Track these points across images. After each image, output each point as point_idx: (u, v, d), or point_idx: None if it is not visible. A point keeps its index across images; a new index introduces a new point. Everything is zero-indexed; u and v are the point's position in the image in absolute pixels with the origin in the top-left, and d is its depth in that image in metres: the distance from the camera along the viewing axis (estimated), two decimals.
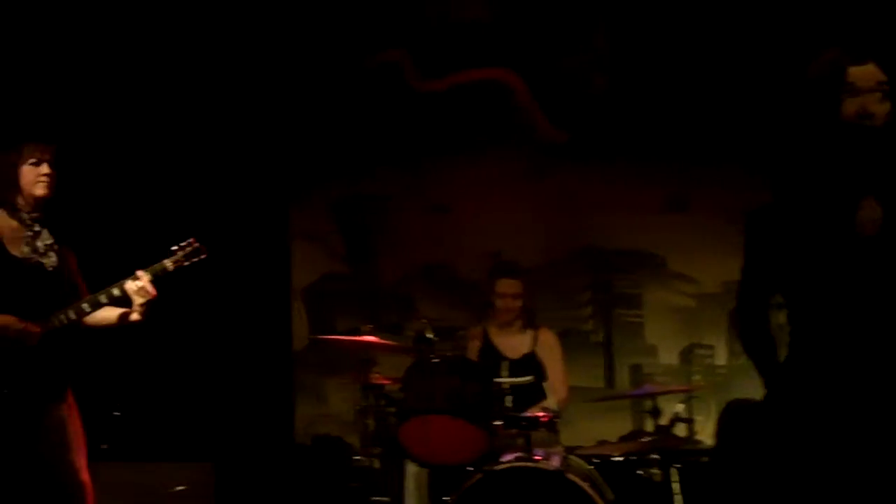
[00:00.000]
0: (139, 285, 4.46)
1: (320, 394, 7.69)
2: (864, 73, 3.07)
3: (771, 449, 3.14)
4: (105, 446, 6.12)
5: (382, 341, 5.79)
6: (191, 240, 4.61)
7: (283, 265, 7.83)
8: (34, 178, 4.48)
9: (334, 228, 7.93)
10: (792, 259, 3.15)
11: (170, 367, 7.21)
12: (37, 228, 4.51)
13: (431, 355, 5.24)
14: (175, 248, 4.60)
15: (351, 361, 6.25)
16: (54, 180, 4.52)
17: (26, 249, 4.46)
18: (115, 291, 4.45)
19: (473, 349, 6.05)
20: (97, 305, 4.47)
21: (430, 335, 5.35)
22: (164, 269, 4.54)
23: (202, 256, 4.60)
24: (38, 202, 4.51)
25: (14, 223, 4.51)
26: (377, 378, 5.70)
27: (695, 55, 7.34)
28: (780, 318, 3.31)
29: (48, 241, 4.51)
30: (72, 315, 4.41)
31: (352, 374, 6.01)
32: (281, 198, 7.89)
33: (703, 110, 7.28)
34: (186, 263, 4.59)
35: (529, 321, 6.04)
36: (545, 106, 7.63)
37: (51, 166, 4.50)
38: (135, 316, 4.57)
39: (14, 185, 4.48)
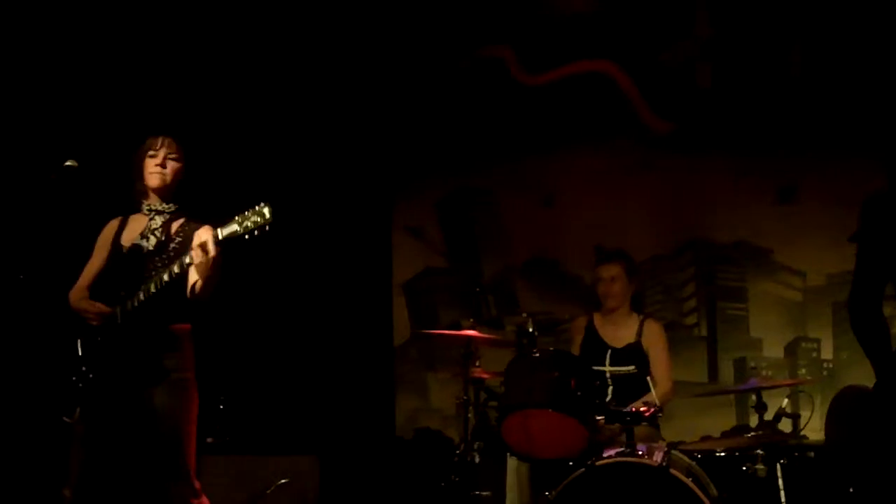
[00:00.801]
0: (198, 242, 4.22)
1: (422, 388, 7.75)
2: None
3: (882, 438, 3.09)
4: (211, 440, 6.24)
5: (483, 335, 5.79)
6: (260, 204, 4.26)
7: (385, 259, 7.90)
8: (150, 169, 4.62)
9: (437, 223, 7.97)
10: None
11: (274, 362, 7.32)
12: (151, 217, 4.61)
13: (533, 349, 5.21)
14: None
15: (452, 356, 6.27)
16: (172, 171, 4.64)
17: (135, 236, 4.57)
18: (186, 259, 4.28)
19: (577, 341, 6.03)
20: (164, 281, 4.33)
21: (531, 329, 5.33)
22: (218, 237, 4.21)
23: (266, 225, 4.18)
24: (157, 192, 4.63)
25: (142, 217, 4.65)
26: (478, 372, 5.72)
27: (799, 42, 7.22)
28: (891, 309, 3.26)
29: (155, 227, 4.57)
30: (141, 296, 4.38)
31: (453, 369, 6.03)
32: (386, 192, 7.96)
33: (810, 99, 7.16)
34: (248, 233, 4.19)
35: (636, 307, 5.99)
36: (649, 97, 7.59)
37: (169, 158, 4.62)
38: (197, 282, 4.36)
39: (140, 176, 4.64)
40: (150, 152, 4.63)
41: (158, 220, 4.60)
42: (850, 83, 7.04)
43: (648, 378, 5.55)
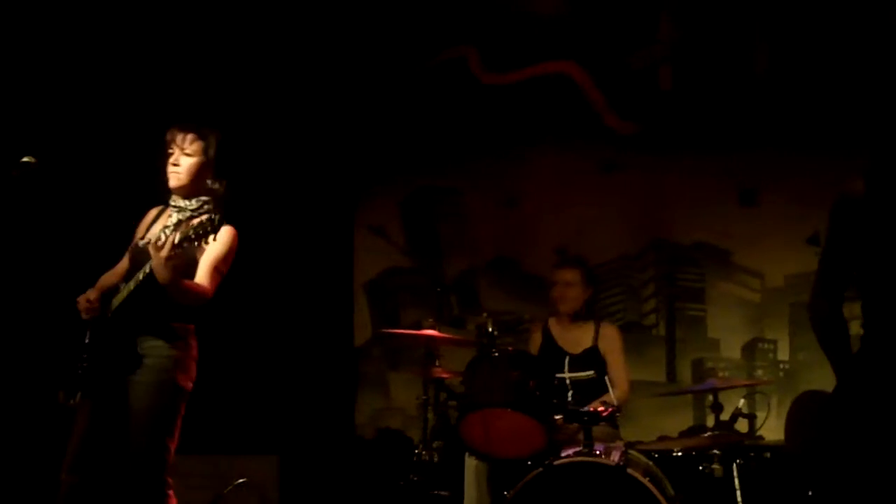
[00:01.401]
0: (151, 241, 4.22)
1: (384, 387, 7.75)
2: None
3: (841, 441, 3.12)
4: None
5: (444, 335, 5.81)
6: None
7: (346, 258, 7.89)
8: (168, 167, 4.53)
9: (399, 222, 7.97)
10: (872, 247, 3.12)
11: (235, 361, 7.29)
12: (171, 213, 4.53)
13: (492, 349, 5.23)
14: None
15: (414, 355, 6.28)
16: (187, 170, 4.51)
17: (155, 234, 4.46)
18: (147, 268, 4.26)
19: (535, 345, 6.05)
20: (138, 283, 4.29)
21: (491, 329, 5.35)
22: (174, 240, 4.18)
23: (214, 222, 4.12)
24: (175, 191, 4.54)
25: (167, 210, 4.59)
26: (439, 372, 5.73)
27: (762, 44, 7.27)
28: (853, 310, 3.29)
29: (168, 225, 4.46)
30: (131, 286, 4.33)
31: (415, 368, 6.04)
32: (349, 191, 7.95)
33: (772, 102, 7.21)
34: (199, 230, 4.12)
35: (587, 314, 6.02)
36: (613, 99, 7.62)
37: (184, 154, 4.51)
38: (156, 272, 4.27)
39: (164, 173, 4.55)
40: (168, 150, 4.54)
41: (175, 218, 4.50)
42: (812, 85, 7.09)
43: (606, 379, 5.59)
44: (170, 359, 4.42)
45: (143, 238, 4.54)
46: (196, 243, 4.15)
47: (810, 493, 4.95)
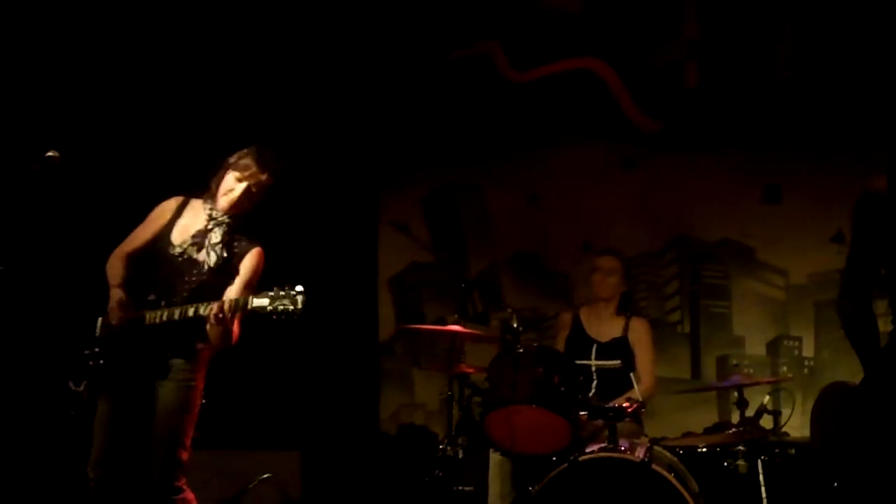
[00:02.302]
0: (212, 310, 4.29)
1: (407, 383, 7.76)
2: None
3: (869, 434, 3.11)
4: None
5: (468, 330, 5.81)
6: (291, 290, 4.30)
7: (370, 254, 7.90)
8: (226, 189, 4.54)
9: (422, 218, 7.98)
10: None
11: (258, 357, 7.31)
12: (210, 227, 4.54)
13: (517, 345, 5.23)
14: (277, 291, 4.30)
15: (437, 351, 6.28)
16: (248, 199, 4.56)
17: (188, 241, 4.50)
18: (201, 310, 4.31)
19: (562, 336, 6.06)
20: (184, 316, 4.35)
21: (515, 325, 5.36)
22: (247, 305, 4.29)
23: (295, 314, 4.28)
24: (224, 209, 4.56)
25: (201, 214, 4.58)
26: (463, 368, 5.73)
27: (787, 41, 7.25)
28: (880, 307, 3.29)
29: (215, 241, 4.52)
30: (163, 316, 4.38)
31: (438, 364, 6.04)
32: (372, 188, 7.96)
33: (796, 99, 7.19)
34: (276, 314, 4.27)
35: (624, 306, 6.03)
36: (637, 96, 7.61)
37: (253, 187, 4.55)
38: (212, 338, 4.47)
39: (218, 183, 4.57)
40: (237, 174, 4.55)
41: (219, 233, 4.54)
42: (836, 82, 7.07)
43: (632, 374, 5.58)
44: (195, 369, 4.53)
45: (187, 252, 4.51)
46: (273, 317, 4.25)
47: (835, 486, 4.94)
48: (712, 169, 7.39)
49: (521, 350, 5.17)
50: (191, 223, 4.58)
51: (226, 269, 4.51)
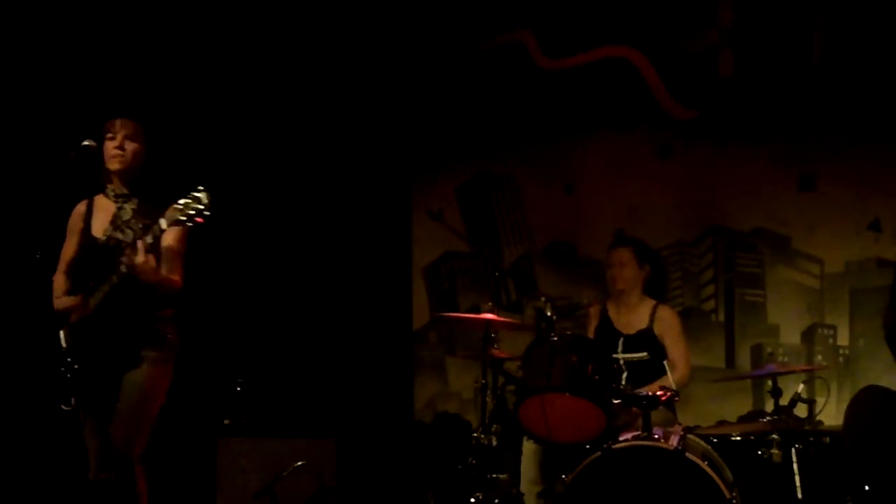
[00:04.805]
0: (131, 257, 4.32)
1: (441, 372, 7.79)
2: None
3: None
4: (228, 422, 6.31)
5: (502, 318, 5.82)
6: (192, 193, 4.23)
7: (405, 243, 7.94)
8: (109, 152, 4.59)
9: (457, 207, 8.00)
10: None
11: (294, 345, 7.38)
12: (120, 205, 4.60)
13: (551, 334, 5.24)
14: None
15: (471, 340, 6.30)
16: (131, 155, 4.58)
17: (108, 228, 4.56)
18: (122, 268, 4.35)
19: (591, 327, 6.06)
20: (118, 281, 4.38)
21: (549, 313, 5.36)
22: (158, 231, 4.30)
23: (205, 210, 4.20)
24: (118, 175, 4.60)
25: (108, 202, 4.65)
26: (497, 355, 5.74)
27: (821, 29, 7.20)
28: None
29: (128, 217, 4.56)
30: (105, 288, 4.41)
31: (472, 353, 6.06)
32: (406, 177, 8.00)
33: (831, 87, 7.14)
34: (190, 221, 4.22)
35: (651, 292, 6.02)
36: (671, 84, 7.58)
37: (127, 139, 4.57)
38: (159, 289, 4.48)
39: (103, 161, 4.62)
40: (109, 134, 4.59)
41: (129, 210, 4.59)
42: (871, 70, 7.02)
43: (666, 363, 5.57)
44: (162, 346, 4.55)
45: (108, 235, 4.56)
46: (189, 224, 4.22)
47: (867, 488, 4.94)
48: (747, 157, 7.35)
49: (556, 338, 5.16)
50: (104, 214, 4.63)
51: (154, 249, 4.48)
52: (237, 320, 7.19)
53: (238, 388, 6.51)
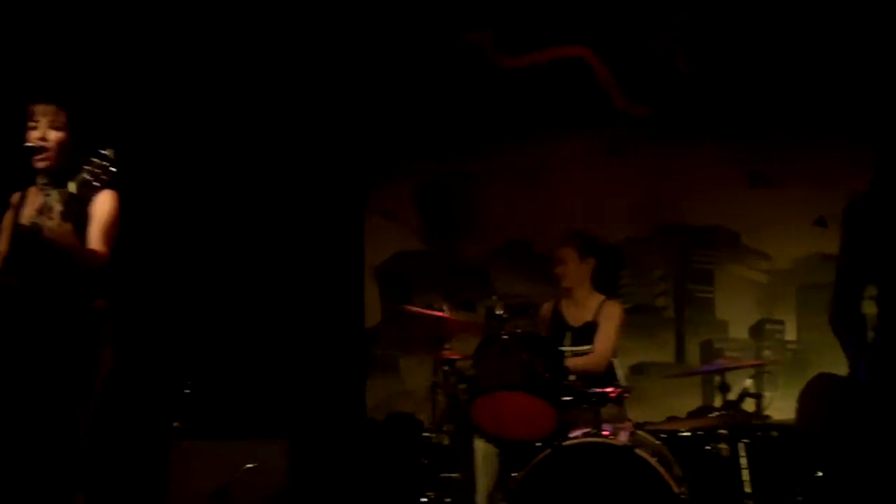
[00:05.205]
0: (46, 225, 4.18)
1: (394, 371, 7.78)
2: None
3: (854, 424, 3.15)
4: (177, 424, 6.26)
5: (455, 317, 5.83)
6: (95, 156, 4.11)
7: (357, 242, 7.91)
8: (32, 143, 4.42)
9: (413, 205, 8.00)
10: (881, 247, 3.14)
11: (245, 345, 7.33)
12: (47, 193, 4.37)
13: (502, 332, 5.26)
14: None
15: (424, 339, 6.30)
16: (55, 149, 4.41)
17: (34, 216, 4.33)
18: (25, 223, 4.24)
19: (544, 322, 6.09)
20: (26, 233, 4.23)
21: (500, 312, 5.37)
22: (66, 197, 4.17)
23: (111, 167, 4.09)
24: (38, 164, 4.43)
25: (37, 192, 4.48)
26: (449, 354, 5.74)
27: (778, 30, 7.27)
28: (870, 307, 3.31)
29: (53, 204, 4.28)
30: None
31: (425, 352, 6.06)
32: (360, 175, 7.97)
33: (783, 85, 7.21)
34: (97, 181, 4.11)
35: (600, 286, 6.05)
36: (626, 82, 7.61)
37: (53, 130, 4.42)
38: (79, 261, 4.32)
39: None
40: (30, 123, 4.44)
41: (55, 195, 4.29)
42: (822, 70, 7.09)
43: (613, 361, 5.61)
44: (95, 338, 4.40)
45: (32, 221, 4.33)
46: (96, 183, 4.12)
47: (819, 475, 4.99)
48: (699, 155, 7.41)
49: (506, 336, 5.19)
50: (33, 203, 4.47)
51: (77, 222, 4.34)
52: (188, 321, 7.13)
53: (187, 391, 6.46)
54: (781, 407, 5.44)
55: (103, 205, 4.44)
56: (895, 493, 3.03)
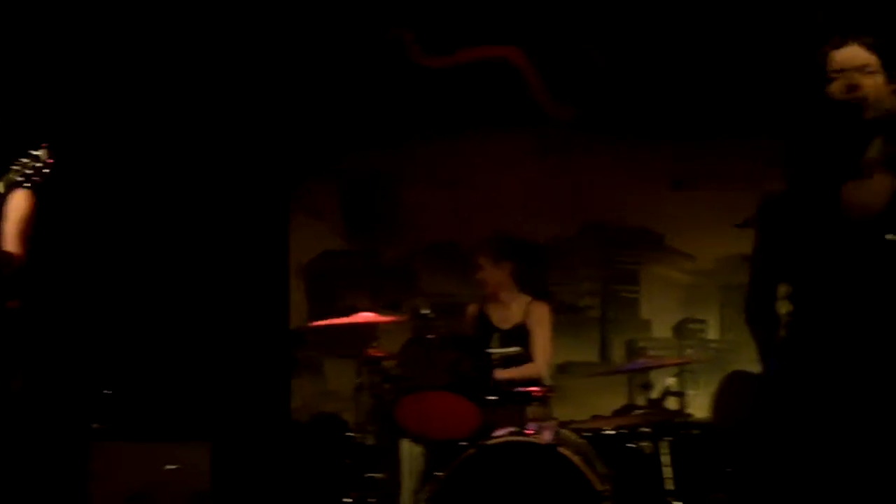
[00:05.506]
0: None
1: (320, 371, 7.73)
2: (848, 55, 3.09)
3: (769, 421, 3.19)
4: (97, 425, 6.18)
5: (378, 318, 5.81)
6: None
7: (282, 241, 7.85)
8: None
9: (337, 204, 7.96)
10: (793, 245, 3.17)
11: (167, 346, 7.25)
12: None
13: (427, 332, 5.26)
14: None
15: (350, 339, 6.28)
16: None
17: None
18: None
19: (469, 322, 6.09)
20: None
21: (425, 312, 5.38)
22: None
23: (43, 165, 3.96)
24: None
25: None
26: (375, 352, 5.73)
27: (702, 31, 7.34)
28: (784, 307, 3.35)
29: None
30: None
31: (350, 352, 6.04)
32: (285, 173, 7.91)
33: (703, 87, 7.29)
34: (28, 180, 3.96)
35: (526, 287, 6.07)
36: (551, 83, 7.64)
37: None
38: None
39: None
40: None
41: None
42: (742, 72, 7.17)
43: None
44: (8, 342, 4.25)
45: None
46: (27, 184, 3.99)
47: (729, 470, 5.08)
48: (624, 156, 7.45)
49: (431, 336, 5.20)
50: None
51: None
52: (110, 320, 7.04)
53: (107, 391, 6.38)
54: (703, 405, 5.47)
55: (18, 204, 4.31)
56: (805, 489, 3.07)
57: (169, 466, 5.94)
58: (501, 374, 5.34)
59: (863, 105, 3.02)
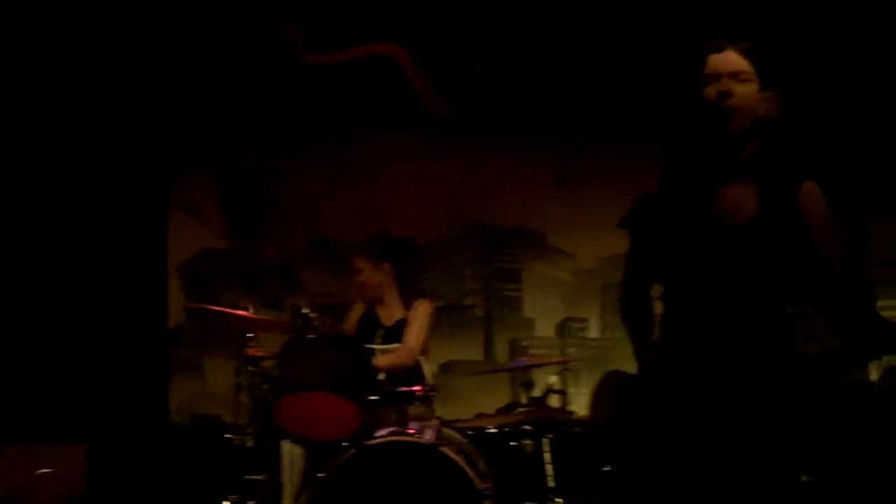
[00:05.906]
0: None
1: (198, 372, 7.62)
2: (723, 60, 3.12)
3: (644, 419, 3.21)
4: None
5: (257, 316, 5.73)
6: None
7: (159, 240, 7.72)
8: None
9: (217, 202, 7.84)
10: (666, 245, 3.20)
11: (39, 346, 7.07)
12: None
13: (307, 331, 5.21)
14: None
15: (229, 339, 6.19)
16: None
17: None
18: None
19: (355, 320, 6.04)
20: None
21: (305, 311, 5.32)
22: None
23: None
24: None
25: None
26: (253, 352, 5.64)
27: (587, 31, 7.40)
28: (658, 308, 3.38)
29: None
30: None
31: (230, 352, 5.95)
32: (164, 169, 7.77)
33: (585, 86, 7.35)
34: None
35: (406, 286, 6.06)
36: (434, 82, 7.64)
37: None
38: None
39: None
40: None
41: None
42: (619, 70, 7.26)
43: (421, 358, 5.63)
44: None
45: None
46: None
47: (607, 469, 5.14)
48: (505, 155, 7.50)
49: (311, 335, 5.14)
50: None
51: None
52: None
53: None
54: (584, 403, 5.54)
55: None
56: (678, 487, 3.10)
57: (42, 470, 5.78)
58: (376, 361, 5.30)
59: (732, 112, 3.05)
